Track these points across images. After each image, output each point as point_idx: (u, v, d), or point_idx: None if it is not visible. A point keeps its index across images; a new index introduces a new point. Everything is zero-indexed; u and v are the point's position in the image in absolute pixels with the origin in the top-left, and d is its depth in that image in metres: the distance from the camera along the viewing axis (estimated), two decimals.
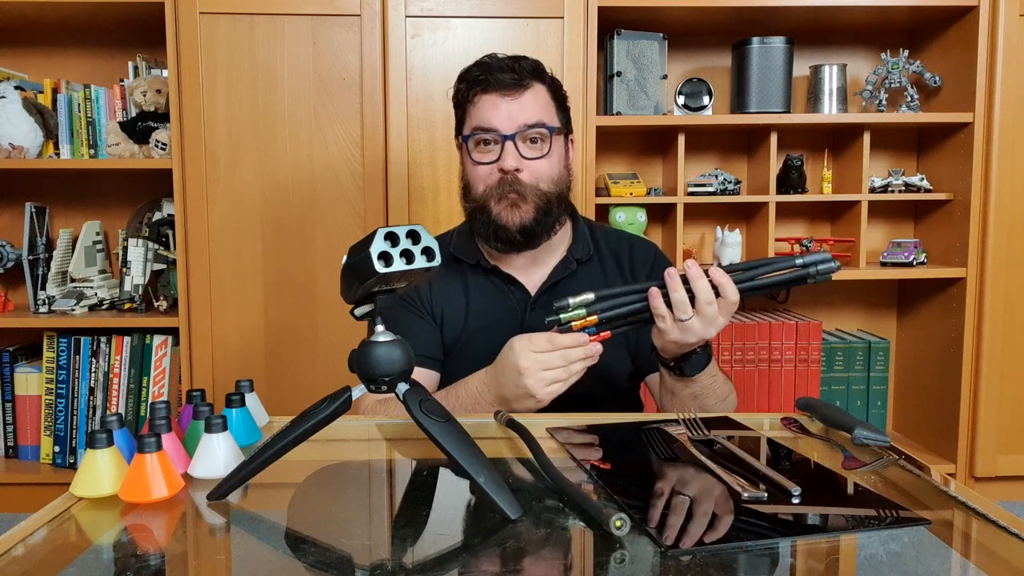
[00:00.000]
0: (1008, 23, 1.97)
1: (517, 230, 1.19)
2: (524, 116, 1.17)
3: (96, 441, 0.72)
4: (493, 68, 1.19)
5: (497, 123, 1.17)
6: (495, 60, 1.20)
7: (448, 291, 1.28)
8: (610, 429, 0.95)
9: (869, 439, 0.86)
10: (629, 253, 1.32)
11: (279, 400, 1.96)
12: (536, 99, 1.20)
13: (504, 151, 1.17)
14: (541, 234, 1.22)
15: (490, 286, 1.27)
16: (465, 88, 1.22)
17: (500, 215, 1.19)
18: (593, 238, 1.32)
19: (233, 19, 1.91)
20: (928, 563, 0.61)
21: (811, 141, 2.31)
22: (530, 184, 1.18)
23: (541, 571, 0.59)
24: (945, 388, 2.13)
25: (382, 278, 0.69)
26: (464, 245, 1.30)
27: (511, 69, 1.18)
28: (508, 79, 1.18)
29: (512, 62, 1.19)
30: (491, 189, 1.19)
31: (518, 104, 1.18)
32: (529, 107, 1.18)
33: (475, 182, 1.22)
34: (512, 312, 1.24)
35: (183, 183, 1.93)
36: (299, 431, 0.74)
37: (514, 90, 1.18)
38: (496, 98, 1.18)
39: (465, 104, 1.23)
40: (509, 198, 1.18)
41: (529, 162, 1.18)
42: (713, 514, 0.68)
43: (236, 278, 1.97)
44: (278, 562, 0.62)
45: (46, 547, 0.64)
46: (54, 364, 2.10)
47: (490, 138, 1.19)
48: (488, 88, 1.19)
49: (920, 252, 2.14)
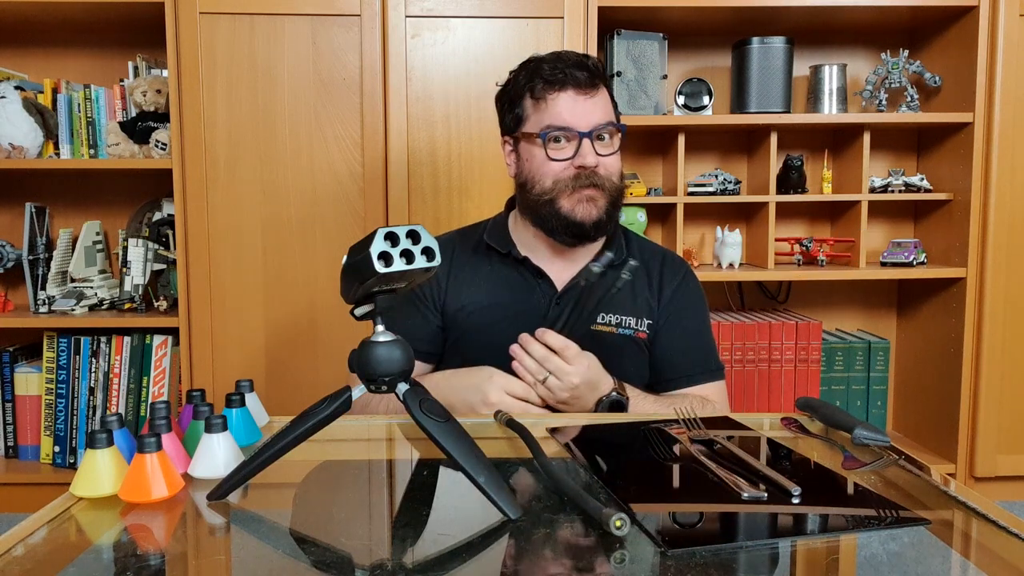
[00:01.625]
0: (1008, 23, 1.97)
1: (592, 224, 1.22)
2: (598, 115, 1.21)
3: (96, 441, 0.72)
4: (569, 65, 1.21)
5: (573, 121, 1.20)
6: (567, 56, 1.23)
7: (472, 277, 1.30)
8: (610, 429, 0.95)
9: (869, 439, 0.86)
10: (660, 267, 1.34)
11: (279, 400, 1.96)
12: (605, 98, 1.24)
13: (582, 148, 1.20)
14: (608, 227, 1.26)
15: (518, 277, 1.29)
16: (539, 85, 1.23)
17: (574, 211, 1.22)
18: (627, 244, 1.35)
19: (233, 19, 1.91)
20: (928, 563, 0.61)
21: (811, 141, 2.31)
22: (605, 178, 1.22)
23: (541, 571, 0.59)
24: (945, 388, 2.13)
25: (382, 278, 0.69)
26: (498, 235, 1.32)
27: (584, 67, 1.21)
28: (584, 77, 1.20)
29: (584, 59, 1.22)
30: (564, 184, 1.22)
31: (593, 103, 1.21)
32: (601, 106, 1.22)
33: (544, 177, 1.23)
34: (537, 305, 1.26)
35: (183, 183, 1.93)
36: (299, 431, 0.73)
37: (589, 89, 1.21)
38: (572, 95, 1.21)
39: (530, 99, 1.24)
40: (587, 193, 1.21)
41: (602, 158, 1.22)
42: (713, 514, 0.68)
43: (236, 278, 1.97)
44: (278, 562, 0.62)
45: (46, 547, 0.64)
46: (54, 364, 2.10)
47: (565, 135, 1.21)
48: (565, 85, 1.21)
49: (920, 252, 2.14)
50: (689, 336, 1.32)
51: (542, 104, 1.22)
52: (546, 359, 1.09)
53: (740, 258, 2.14)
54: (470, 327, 1.27)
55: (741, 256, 2.14)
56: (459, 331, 1.28)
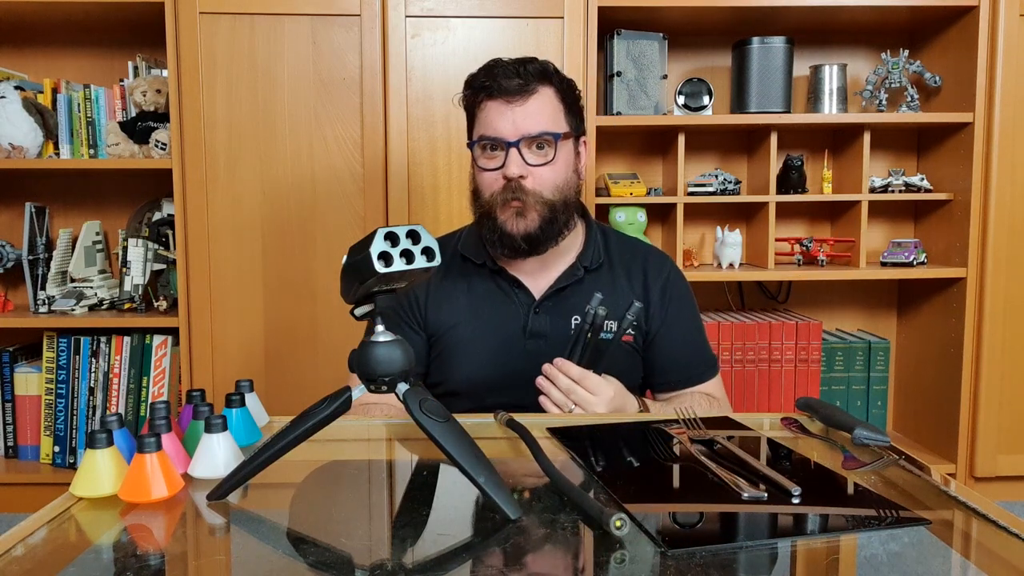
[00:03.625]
0: (1008, 23, 1.97)
1: (522, 238, 1.19)
2: (528, 124, 1.17)
3: (96, 441, 0.72)
4: (499, 74, 1.18)
5: (502, 130, 1.17)
6: (501, 65, 1.19)
7: (450, 291, 1.28)
8: (610, 429, 0.95)
9: (869, 439, 0.86)
10: (643, 265, 1.31)
11: (279, 400, 1.96)
12: (542, 105, 1.18)
13: (508, 158, 1.17)
14: (546, 241, 1.21)
15: (495, 288, 1.27)
16: (472, 94, 1.22)
17: (505, 223, 1.19)
18: (606, 246, 1.31)
19: (233, 19, 1.91)
20: (928, 563, 0.61)
21: (811, 141, 2.31)
22: (533, 191, 1.18)
23: (541, 571, 0.59)
24: (945, 388, 2.13)
25: (382, 278, 0.69)
26: (473, 245, 1.29)
27: (517, 74, 1.17)
28: (513, 85, 1.17)
29: (519, 66, 1.18)
30: (496, 195, 1.19)
31: (523, 111, 1.17)
32: (534, 114, 1.17)
33: (482, 188, 1.22)
34: (515, 315, 1.24)
35: (183, 183, 1.93)
36: (299, 431, 0.73)
37: (519, 96, 1.17)
38: (501, 105, 1.18)
39: (473, 109, 1.23)
40: (513, 205, 1.18)
41: (534, 168, 1.18)
42: (713, 514, 0.68)
43: (236, 278, 1.97)
44: (278, 562, 0.62)
45: (46, 547, 0.64)
46: (54, 364, 2.10)
47: (496, 145, 1.18)
48: (493, 94, 1.18)
49: (920, 252, 2.14)
50: (685, 337, 1.31)
51: (478, 113, 1.21)
52: (571, 390, 1.07)
53: (740, 258, 2.13)
54: (452, 341, 1.25)
55: (741, 256, 2.14)
56: (442, 345, 1.26)
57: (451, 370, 1.25)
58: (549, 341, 1.22)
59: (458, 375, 1.25)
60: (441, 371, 1.27)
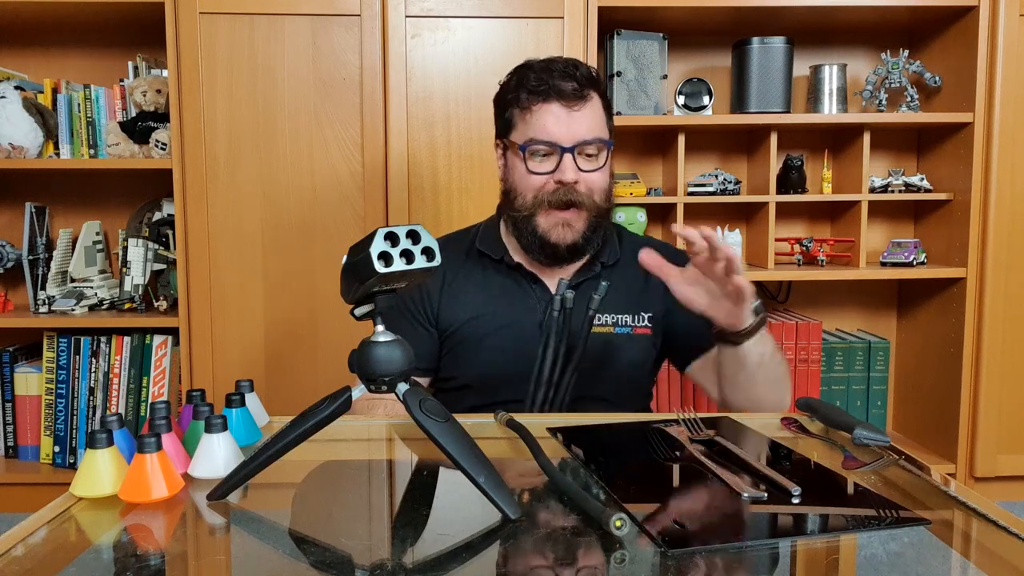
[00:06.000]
0: (1008, 23, 1.97)
1: (566, 248, 1.20)
2: (584, 130, 1.16)
3: (96, 441, 0.72)
4: (555, 75, 1.16)
5: (557, 135, 1.16)
6: (555, 66, 1.18)
7: (465, 285, 1.28)
8: (610, 429, 0.95)
9: (869, 439, 0.86)
10: None
11: (279, 400, 1.96)
12: (594, 111, 1.19)
13: (563, 163, 1.16)
14: (588, 249, 1.23)
15: (512, 283, 1.27)
16: (524, 95, 1.19)
17: (549, 232, 1.19)
18: (620, 243, 1.32)
19: (233, 19, 1.91)
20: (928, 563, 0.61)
21: (811, 141, 2.31)
22: (586, 194, 1.18)
23: (541, 571, 0.59)
24: (945, 388, 2.13)
25: (382, 278, 0.69)
26: (490, 240, 1.30)
27: (572, 77, 1.16)
28: (569, 89, 1.16)
29: (572, 69, 1.17)
30: (543, 198, 1.19)
31: (579, 116, 1.16)
32: (588, 120, 1.17)
33: (525, 190, 1.21)
34: (532, 310, 1.24)
35: (183, 183, 1.93)
36: (299, 431, 0.73)
37: (575, 101, 1.16)
38: (557, 108, 1.16)
39: (517, 108, 1.21)
40: (561, 216, 1.18)
41: (585, 174, 1.18)
42: (713, 514, 0.68)
43: (236, 278, 1.97)
44: (278, 562, 0.62)
45: (46, 547, 0.64)
46: (54, 364, 2.10)
47: (547, 149, 1.18)
48: (549, 98, 1.17)
49: (920, 252, 2.14)
50: None
51: (527, 115, 1.19)
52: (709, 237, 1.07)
53: (740, 258, 2.13)
54: (466, 337, 1.25)
55: (741, 256, 2.14)
56: (455, 341, 1.26)
57: (466, 364, 1.25)
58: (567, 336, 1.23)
59: (473, 369, 1.25)
60: (455, 365, 1.26)
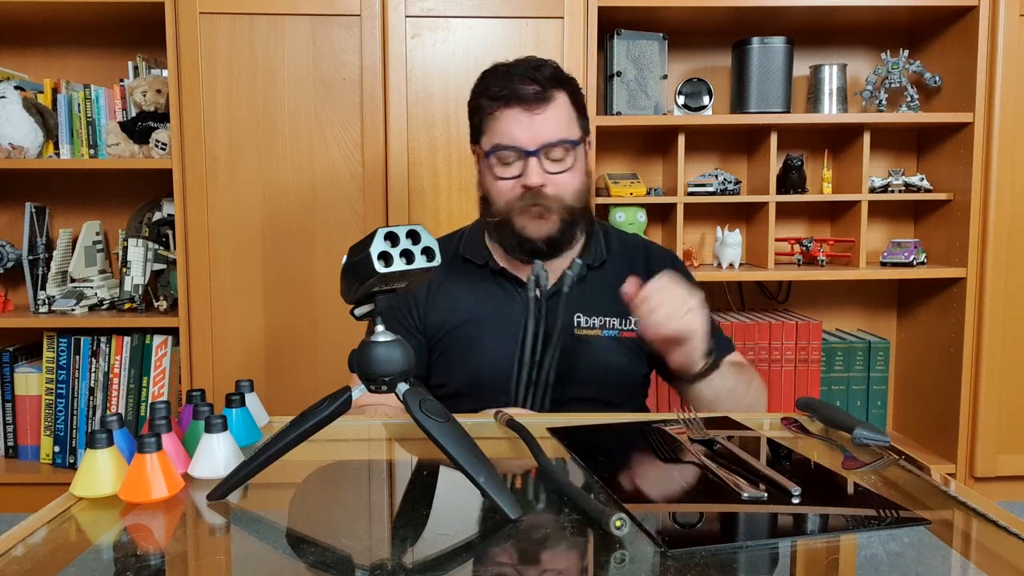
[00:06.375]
0: (1008, 23, 1.97)
1: (543, 241, 1.19)
2: (547, 133, 1.15)
3: (96, 441, 0.72)
4: (514, 80, 1.15)
5: (520, 140, 1.15)
6: (516, 70, 1.17)
7: (451, 292, 1.27)
8: (610, 429, 0.95)
9: (869, 439, 0.86)
10: (645, 261, 1.30)
11: (279, 400, 1.96)
12: (559, 112, 1.16)
13: (528, 168, 1.15)
14: (565, 244, 1.22)
15: (497, 288, 1.26)
16: (487, 102, 1.19)
17: (526, 228, 1.19)
18: (607, 243, 1.31)
19: (233, 19, 1.91)
20: (928, 563, 0.61)
21: (811, 141, 2.31)
22: (554, 197, 1.17)
23: (541, 571, 0.59)
24: (945, 388, 2.13)
25: (382, 278, 0.69)
26: (474, 246, 1.29)
27: (532, 80, 1.15)
28: (530, 92, 1.14)
29: (533, 71, 1.16)
30: (514, 203, 1.18)
31: (542, 119, 1.15)
32: (552, 122, 1.15)
33: (496, 196, 1.20)
34: (518, 314, 1.23)
35: (183, 183, 1.93)
36: (299, 431, 0.73)
37: (537, 104, 1.15)
38: (518, 113, 1.15)
39: (482, 115, 1.20)
40: (533, 211, 1.17)
41: (552, 176, 1.17)
42: (713, 514, 0.68)
43: (236, 278, 1.97)
44: (278, 562, 0.62)
45: (46, 547, 0.64)
46: (54, 364, 2.10)
47: (512, 154, 1.16)
48: (510, 102, 1.15)
49: (920, 252, 2.14)
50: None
51: (491, 121, 1.18)
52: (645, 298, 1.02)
53: (740, 258, 2.13)
54: (454, 343, 1.25)
55: (741, 256, 2.14)
56: (443, 348, 1.25)
57: (455, 371, 1.25)
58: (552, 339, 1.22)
59: (462, 376, 1.24)
60: (444, 373, 1.26)
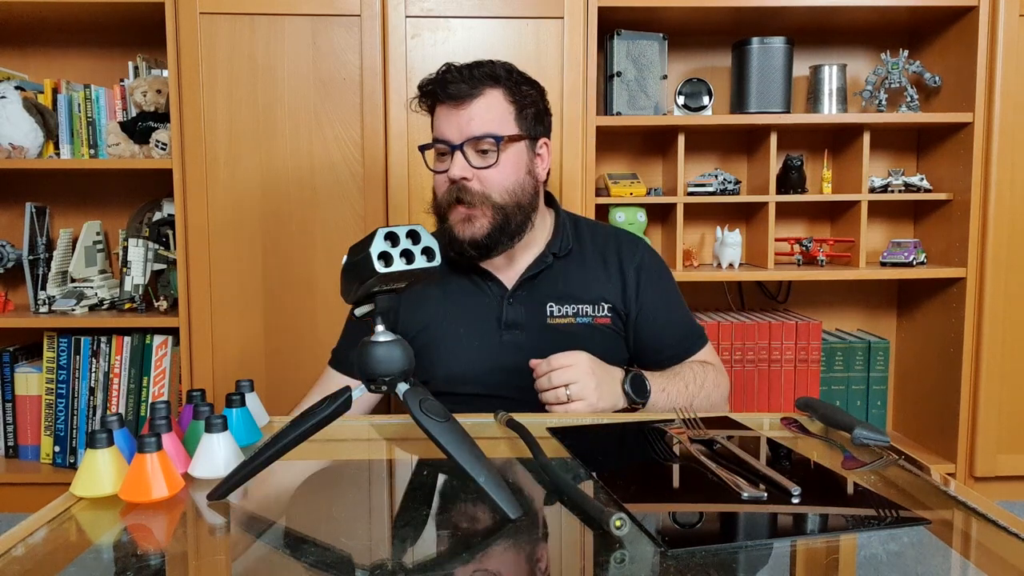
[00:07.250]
0: (1008, 23, 1.97)
1: (468, 243, 1.21)
2: (471, 127, 1.18)
3: (96, 441, 0.72)
4: (446, 79, 1.20)
5: (447, 133, 1.20)
6: (450, 70, 1.21)
7: (424, 293, 1.29)
8: (610, 429, 0.95)
9: (869, 439, 0.86)
10: (617, 249, 1.32)
11: (279, 400, 1.96)
12: (488, 107, 1.20)
13: (452, 161, 1.19)
14: (496, 247, 1.23)
15: (467, 282, 1.29)
16: (426, 102, 1.25)
17: (453, 227, 1.21)
18: (577, 233, 1.33)
19: (233, 19, 1.91)
20: (928, 563, 0.61)
21: (811, 141, 2.31)
22: (479, 193, 1.19)
23: (541, 571, 0.59)
24: (945, 388, 2.13)
25: (382, 278, 0.69)
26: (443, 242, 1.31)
27: (463, 78, 1.19)
28: (457, 89, 1.19)
29: (468, 70, 1.20)
30: (444, 197, 1.21)
31: (467, 114, 1.19)
32: (477, 117, 1.19)
33: (435, 191, 1.25)
34: (489, 307, 1.26)
35: (183, 183, 1.93)
36: (299, 431, 0.74)
37: (463, 100, 1.19)
38: (447, 108, 1.20)
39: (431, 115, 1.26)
40: (460, 211, 1.20)
41: (479, 171, 1.19)
42: (713, 514, 0.68)
43: (236, 278, 1.97)
44: (278, 562, 0.62)
45: (46, 547, 0.64)
46: (54, 364, 2.10)
47: (443, 148, 1.21)
48: (442, 99, 1.21)
49: (920, 252, 2.14)
50: (669, 315, 1.33)
51: (433, 118, 1.24)
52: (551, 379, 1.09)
53: (740, 258, 2.14)
54: (429, 341, 1.26)
55: (741, 256, 2.14)
56: (418, 346, 1.26)
57: (431, 367, 1.26)
58: (525, 330, 1.24)
59: (438, 371, 1.26)
60: (421, 369, 1.27)
